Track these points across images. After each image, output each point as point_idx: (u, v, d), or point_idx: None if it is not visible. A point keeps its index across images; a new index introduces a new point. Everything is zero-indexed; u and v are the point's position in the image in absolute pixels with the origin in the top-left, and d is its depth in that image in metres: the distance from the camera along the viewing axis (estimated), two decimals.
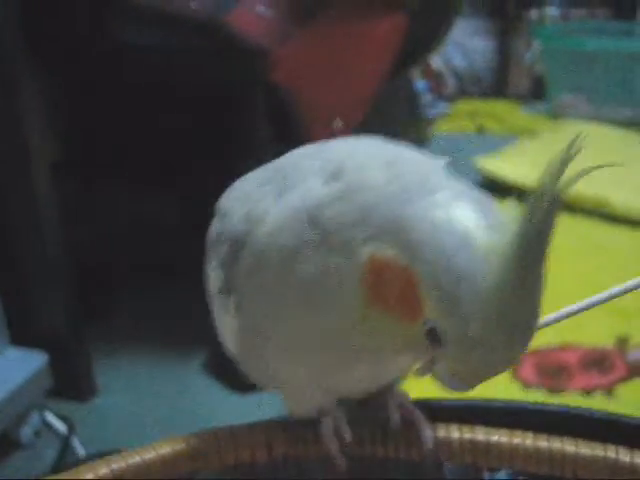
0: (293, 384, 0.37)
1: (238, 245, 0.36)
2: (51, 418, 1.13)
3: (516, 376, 1.20)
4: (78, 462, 1.05)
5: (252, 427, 0.37)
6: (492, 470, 0.38)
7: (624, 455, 0.34)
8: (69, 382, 1.18)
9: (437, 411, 0.38)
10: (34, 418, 1.11)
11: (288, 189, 0.35)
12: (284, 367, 0.37)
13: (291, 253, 0.33)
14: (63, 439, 1.10)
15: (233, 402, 1.18)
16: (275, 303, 0.35)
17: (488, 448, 0.35)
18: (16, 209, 1.13)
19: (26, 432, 1.10)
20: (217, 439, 0.36)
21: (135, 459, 0.34)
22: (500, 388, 1.19)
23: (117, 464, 0.34)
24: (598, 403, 1.14)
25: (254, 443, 0.36)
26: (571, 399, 1.15)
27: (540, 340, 1.25)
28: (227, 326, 0.38)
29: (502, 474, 0.38)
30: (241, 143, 1.27)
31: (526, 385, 1.19)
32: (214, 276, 0.38)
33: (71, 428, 1.11)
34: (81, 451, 1.09)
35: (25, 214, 1.13)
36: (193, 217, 1.43)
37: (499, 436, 0.35)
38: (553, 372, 1.21)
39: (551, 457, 0.35)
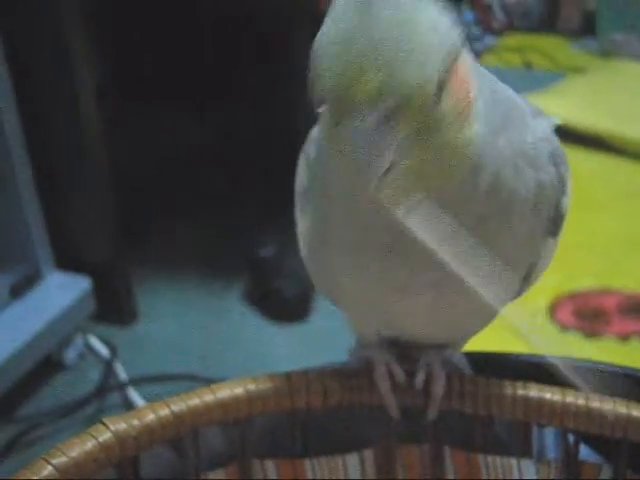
0: (353, 296, 0.37)
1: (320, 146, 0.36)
2: (94, 341, 1.16)
3: (554, 318, 1.20)
4: (121, 385, 1.08)
5: (307, 373, 0.37)
6: (541, 426, 0.38)
7: None
8: (111, 307, 1.20)
9: (492, 366, 0.38)
10: (78, 341, 1.14)
11: None
12: (344, 273, 0.37)
13: None
14: (106, 362, 1.13)
15: (270, 331, 1.20)
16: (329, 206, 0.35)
17: (540, 405, 0.36)
18: (61, 134, 1.14)
19: (70, 355, 1.13)
20: (275, 383, 0.36)
21: (194, 401, 0.35)
22: (537, 330, 1.19)
23: (177, 405, 0.35)
24: (634, 349, 1.14)
25: (310, 389, 0.36)
26: (607, 344, 1.15)
27: (580, 283, 1.25)
28: (300, 227, 0.39)
29: (550, 431, 0.38)
30: (284, 72, 1.26)
31: (563, 328, 1.19)
32: (300, 174, 0.39)
33: (113, 352, 1.14)
34: (122, 374, 1.12)
35: (69, 141, 1.14)
36: (235, 145, 1.44)
37: (552, 394, 0.36)
38: (591, 316, 1.21)
39: (602, 417, 0.35)
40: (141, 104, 1.36)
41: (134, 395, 1.08)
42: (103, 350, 1.15)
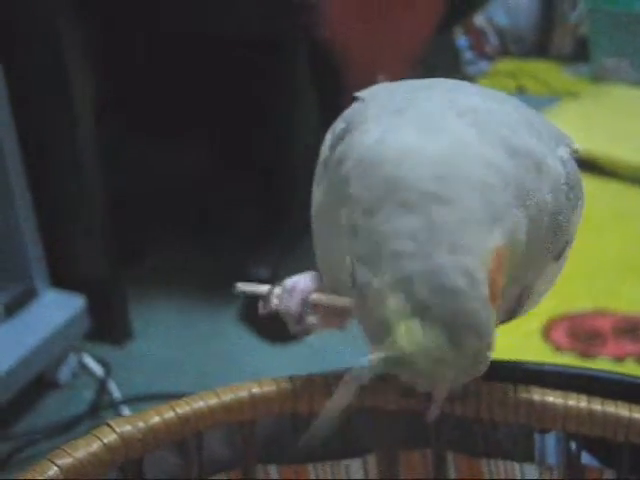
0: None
1: (345, 131, 0.37)
2: (88, 360, 1.16)
3: (548, 339, 1.21)
4: (115, 404, 1.08)
5: (311, 377, 0.38)
6: (543, 432, 0.38)
7: None
8: (106, 325, 1.20)
9: (493, 371, 0.38)
10: (72, 360, 1.14)
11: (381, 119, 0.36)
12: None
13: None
14: (100, 381, 1.12)
15: (265, 351, 1.20)
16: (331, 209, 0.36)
17: (543, 409, 0.36)
18: (57, 153, 1.14)
19: (64, 373, 1.13)
20: (278, 387, 0.37)
21: (199, 403, 0.35)
22: (531, 350, 1.19)
23: (182, 408, 0.35)
24: (629, 370, 1.15)
25: (313, 393, 0.36)
26: (602, 365, 1.15)
27: (574, 304, 1.26)
28: (314, 196, 0.39)
29: (552, 437, 0.38)
30: (281, 97, 1.27)
31: (558, 349, 1.19)
32: (324, 145, 0.39)
33: (107, 370, 1.14)
34: (117, 393, 1.11)
35: (66, 158, 1.14)
36: (229, 164, 1.44)
37: (554, 397, 0.36)
38: (586, 337, 1.21)
39: (605, 420, 0.35)
40: (140, 124, 1.37)
41: (128, 414, 1.08)
42: (97, 369, 1.15)
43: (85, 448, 0.33)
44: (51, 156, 1.14)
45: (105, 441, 0.34)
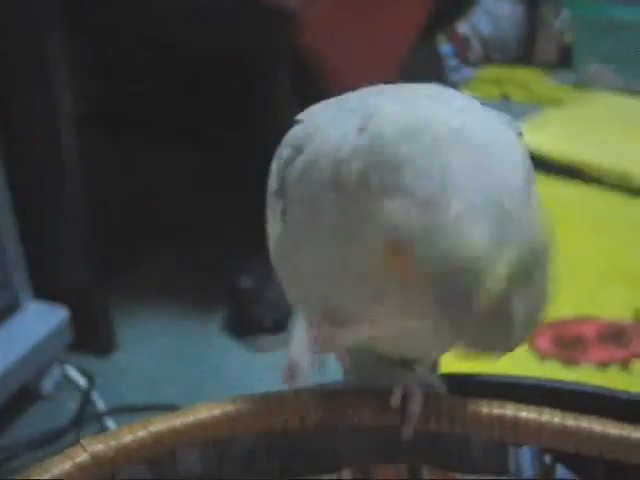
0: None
1: (297, 150, 0.37)
2: (72, 372, 1.15)
3: (532, 347, 1.21)
4: (98, 415, 1.07)
5: (285, 394, 0.37)
6: (517, 446, 0.38)
7: None
8: (89, 337, 1.20)
9: (468, 386, 0.38)
10: (55, 371, 1.13)
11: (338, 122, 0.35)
12: (315, 289, 0.37)
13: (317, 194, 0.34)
14: (83, 393, 1.12)
15: (250, 361, 1.19)
16: (309, 223, 0.35)
17: (516, 424, 0.36)
18: (40, 164, 1.14)
19: (47, 385, 1.12)
20: (253, 405, 0.37)
21: (172, 422, 0.35)
22: (516, 358, 1.20)
23: (155, 427, 0.35)
24: (613, 377, 1.15)
25: (288, 411, 0.36)
26: (586, 372, 1.16)
27: (557, 311, 1.26)
28: (272, 230, 0.39)
29: (526, 451, 0.38)
30: (263, 106, 1.27)
31: (542, 356, 1.19)
32: (272, 176, 0.39)
33: (91, 382, 1.13)
34: (101, 405, 1.11)
35: (49, 169, 1.14)
36: (214, 175, 1.44)
37: (527, 413, 0.36)
38: (569, 344, 1.21)
39: (578, 435, 0.35)
40: (124, 134, 1.37)
41: (112, 425, 1.07)
42: (81, 380, 1.14)
43: (57, 467, 0.33)
44: (34, 167, 1.14)
45: (77, 461, 0.34)
